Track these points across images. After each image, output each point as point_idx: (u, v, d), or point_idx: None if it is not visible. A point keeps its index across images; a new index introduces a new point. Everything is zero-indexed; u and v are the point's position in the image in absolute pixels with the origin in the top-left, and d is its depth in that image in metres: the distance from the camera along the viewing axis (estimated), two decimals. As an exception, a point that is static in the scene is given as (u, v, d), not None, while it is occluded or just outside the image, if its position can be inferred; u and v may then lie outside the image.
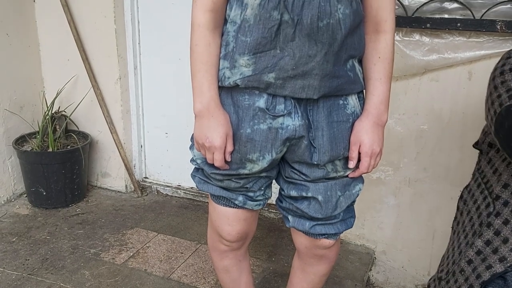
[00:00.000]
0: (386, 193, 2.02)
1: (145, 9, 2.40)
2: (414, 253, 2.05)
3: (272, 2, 1.01)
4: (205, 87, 1.11)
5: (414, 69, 1.78)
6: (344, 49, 1.07)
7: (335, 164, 1.17)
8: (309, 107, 1.12)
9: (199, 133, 1.14)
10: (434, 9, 1.71)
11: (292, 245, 2.13)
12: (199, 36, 1.09)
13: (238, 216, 1.29)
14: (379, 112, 1.15)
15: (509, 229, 1.09)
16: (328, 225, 1.24)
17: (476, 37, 1.69)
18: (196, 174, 1.30)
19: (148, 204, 2.53)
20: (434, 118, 1.85)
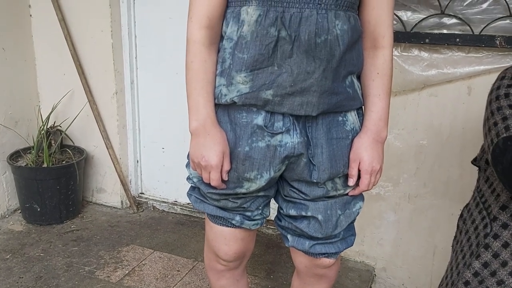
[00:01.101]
0: (385, 209, 2.00)
1: (142, 24, 2.40)
2: (414, 270, 2.02)
3: (269, 19, 1.00)
4: (201, 105, 1.09)
5: (413, 84, 1.78)
6: (343, 65, 1.06)
7: (334, 182, 1.15)
8: (308, 124, 1.10)
9: (195, 151, 1.12)
10: (432, 25, 1.72)
11: (291, 263, 2.09)
12: (195, 53, 1.08)
13: (235, 236, 1.26)
14: (378, 128, 1.13)
15: (509, 252, 1.08)
16: (328, 244, 1.21)
17: (475, 52, 1.70)
18: (192, 193, 1.28)
19: (144, 220, 2.50)
20: (434, 134, 1.84)
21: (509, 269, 1.07)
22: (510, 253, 1.08)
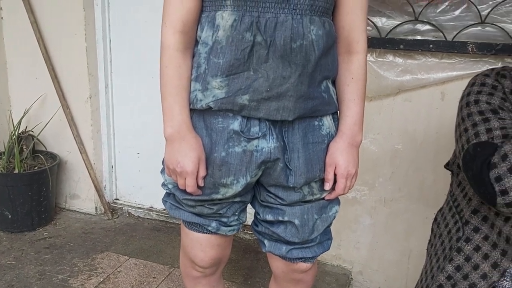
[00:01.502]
0: (361, 212, 2.02)
1: (117, 27, 2.37)
2: (390, 274, 2.05)
3: (244, 24, 1.00)
4: (176, 110, 1.08)
5: (388, 89, 1.80)
6: (318, 70, 1.06)
7: (311, 187, 1.15)
8: (284, 128, 1.10)
9: (170, 158, 1.11)
10: (407, 31, 1.75)
11: (269, 268, 2.09)
12: (169, 58, 1.07)
13: (212, 242, 1.25)
14: (353, 133, 1.14)
15: (480, 255, 1.10)
16: (305, 248, 1.22)
17: (448, 58, 1.73)
18: (167, 199, 1.27)
19: (119, 227, 2.45)
20: (408, 138, 1.87)
21: (481, 272, 1.09)
22: (482, 256, 1.10)
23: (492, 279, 1.06)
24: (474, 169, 1.02)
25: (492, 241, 1.08)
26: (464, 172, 1.08)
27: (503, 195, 0.96)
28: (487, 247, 1.09)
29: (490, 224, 1.09)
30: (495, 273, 1.06)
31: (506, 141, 0.99)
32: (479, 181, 1.01)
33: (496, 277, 1.06)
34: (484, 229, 1.11)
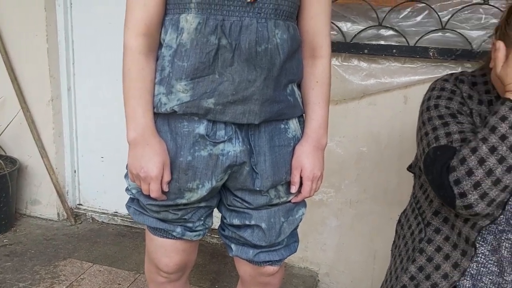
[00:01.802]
0: (328, 214, 2.04)
1: (80, 28, 2.33)
2: (356, 275, 2.08)
3: (209, 27, 1.00)
4: (139, 114, 1.06)
5: (353, 93, 1.83)
6: (284, 74, 1.07)
7: (277, 190, 1.16)
8: (250, 132, 1.10)
9: (133, 162, 1.09)
10: (371, 36, 1.78)
11: (236, 272, 2.08)
12: (132, 61, 1.05)
13: (177, 247, 1.23)
14: (319, 136, 1.16)
15: (441, 256, 1.13)
16: (272, 251, 1.22)
17: (410, 63, 1.77)
18: (131, 205, 1.25)
19: (82, 233, 2.40)
20: (373, 141, 1.91)
21: (442, 272, 1.12)
22: (443, 257, 1.13)
23: (453, 279, 1.10)
24: (435, 173, 1.05)
25: (453, 242, 1.12)
26: (425, 175, 1.11)
27: (461, 197, 1.00)
28: (448, 248, 1.13)
29: (451, 225, 1.13)
30: (455, 273, 1.10)
31: (464, 145, 1.02)
32: (439, 184, 1.04)
33: (457, 276, 1.09)
34: (445, 230, 1.14)
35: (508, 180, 0.97)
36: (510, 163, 0.96)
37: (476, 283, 1.09)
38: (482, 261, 1.08)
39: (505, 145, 0.97)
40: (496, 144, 0.97)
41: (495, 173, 0.97)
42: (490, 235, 1.07)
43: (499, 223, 1.05)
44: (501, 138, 0.97)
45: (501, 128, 0.97)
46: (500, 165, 0.97)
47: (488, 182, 0.98)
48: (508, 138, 0.97)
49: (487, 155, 0.97)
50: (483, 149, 0.98)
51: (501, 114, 0.98)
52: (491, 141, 0.98)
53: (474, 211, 1.00)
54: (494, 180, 0.97)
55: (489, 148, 0.97)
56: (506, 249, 1.05)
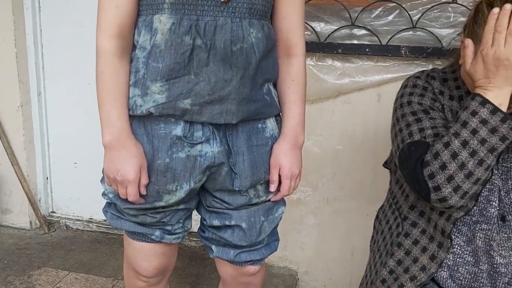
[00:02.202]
0: (306, 213, 2.06)
1: (49, 32, 2.29)
2: (335, 272, 2.10)
3: (183, 27, 0.99)
4: (114, 117, 1.04)
5: (328, 92, 1.85)
6: (260, 73, 1.07)
7: (257, 189, 1.16)
8: (228, 132, 1.10)
9: (109, 166, 1.07)
10: (344, 35, 1.80)
11: (216, 274, 2.07)
12: (105, 63, 1.04)
13: (156, 251, 1.22)
14: (296, 134, 1.17)
15: (419, 249, 1.16)
16: (253, 251, 1.22)
17: (383, 61, 1.80)
18: (108, 209, 1.23)
19: (56, 241, 2.35)
20: (348, 139, 1.93)
21: (420, 265, 1.14)
22: (420, 249, 1.15)
23: (430, 271, 1.12)
24: (409, 168, 1.07)
25: (429, 234, 1.14)
26: (400, 170, 1.13)
27: (436, 191, 1.02)
28: (425, 240, 1.15)
29: (427, 218, 1.15)
30: (433, 265, 1.12)
31: (437, 139, 1.05)
32: (414, 179, 1.06)
33: (434, 268, 1.12)
34: (421, 224, 1.17)
35: (480, 173, 1.00)
36: (481, 156, 0.99)
37: (453, 274, 1.11)
38: (458, 252, 1.11)
39: (476, 139, 0.99)
40: (467, 138, 1.00)
41: (468, 167, 1.00)
42: (464, 227, 1.10)
43: (473, 214, 1.08)
44: (472, 132, 1.00)
45: (472, 123, 1.00)
46: (472, 159, 0.99)
47: (461, 175, 1.00)
48: (479, 132, 0.99)
49: (459, 149, 1.00)
50: (455, 144, 1.00)
51: (471, 109, 1.01)
52: (463, 135, 1.00)
53: (448, 204, 1.02)
54: (467, 173, 1.00)
55: (461, 142, 1.00)
56: (480, 239, 1.08)
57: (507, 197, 1.07)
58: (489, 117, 0.98)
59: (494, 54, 0.97)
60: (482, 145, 0.99)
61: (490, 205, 1.07)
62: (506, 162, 1.08)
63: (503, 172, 1.08)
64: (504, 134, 0.98)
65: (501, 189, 1.07)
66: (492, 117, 0.98)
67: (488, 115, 0.98)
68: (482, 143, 0.99)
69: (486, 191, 1.07)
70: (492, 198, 1.07)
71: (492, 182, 1.07)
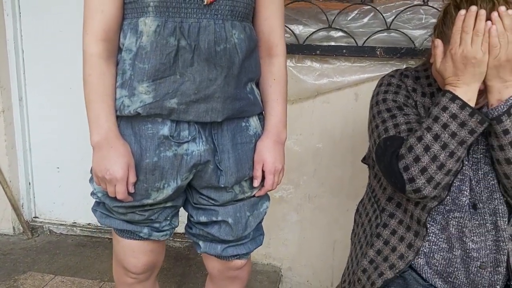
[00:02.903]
0: (288, 210, 2.10)
1: (30, 38, 2.29)
2: (317, 266, 2.14)
3: (167, 29, 1.03)
4: (102, 118, 1.08)
5: (307, 92, 1.89)
6: (244, 72, 1.12)
7: (242, 185, 1.20)
8: (213, 131, 1.14)
9: (98, 165, 1.10)
10: (322, 37, 1.85)
11: (201, 272, 2.12)
12: (92, 66, 1.07)
13: (144, 248, 1.25)
14: (278, 130, 1.21)
15: (397, 238, 1.20)
16: (239, 245, 1.26)
17: (359, 62, 1.85)
18: (97, 208, 1.25)
19: (40, 246, 2.34)
20: (328, 137, 1.98)
21: (398, 254, 1.19)
22: (398, 239, 1.20)
23: (408, 259, 1.17)
24: (385, 161, 1.12)
25: (406, 224, 1.19)
26: (377, 164, 1.19)
27: (410, 182, 1.07)
28: (402, 230, 1.20)
29: (403, 209, 1.20)
30: (410, 253, 1.17)
31: (411, 134, 1.10)
32: (390, 172, 1.11)
33: (412, 256, 1.16)
34: (399, 214, 1.21)
35: (451, 164, 1.06)
36: (452, 149, 1.05)
37: (429, 260, 1.17)
38: (433, 239, 1.16)
39: (447, 133, 1.05)
40: (439, 132, 1.05)
41: (439, 159, 1.05)
42: (439, 215, 1.15)
43: (446, 203, 1.13)
44: (443, 127, 1.05)
45: (443, 118, 1.05)
46: (443, 151, 1.05)
47: (434, 167, 1.05)
48: (449, 126, 1.05)
49: (432, 142, 1.05)
50: (428, 137, 1.06)
51: (442, 105, 1.06)
52: (435, 129, 1.06)
53: (422, 194, 1.07)
54: (439, 165, 1.05)
55: (433, 136, 1.05)
56: (454, 226, 1.13)
57: (478, 186, 1.13)
58: (459, 112, 1.04)
59: (462, 53, 1.02)
60: (453, 138, 1.04)
61: (461, 194, 1.13)
62: (476, 154, 1.14)
63: (473, 163, 1.14)
64: (473, 128, 1.04)
65: (472, 179, 1.13)
66: (461, 112, 1.04)
67: (457, 110, 1.04)
68: (453, 136, 1.04)
69: (457, 181, 1.13)
70: (464, 187, 1.13)
71: (463, 173, 1.13)
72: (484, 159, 1.14)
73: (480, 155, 1.14)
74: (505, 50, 1.01)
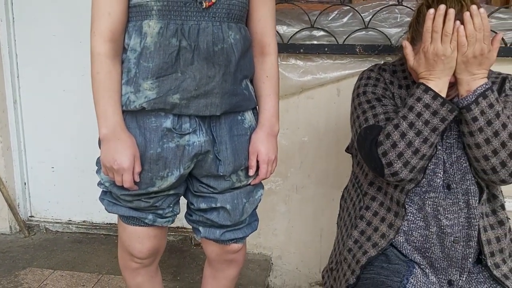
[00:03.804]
0: (277, 201, 2.17)
1: (24, 42, 2.34)
2: (306, 254, 2.22)
3: (170, 31, 1.11)
4: (110, 112, 1.15)
5: (292, 89, 1.96)
6: (239, 70, 1.20)
7: (238, 175, 1.29)
8: (212, 124, 1.22)
9: (106, 156, 1.17)
10: (305, 37, 1.92)
11: (195, 263, 2.20)
12: (100, 65, 1.14)
13: (149, 234, 1.33)
14: (272, 123, 1.30)
15: (378, 219, 1.28)
16: (236, 230, 1.35)
17: (340, 59, 1.92)
18: (104, 197, 1.33)
19: (38, 243, 2.40)
20: (313, 131, 2.06)
21: (380, 233, 1.27)
22: (380, 219, 1.28)
23: (389, 237, 1.25)
24: (366, 148, 1.20)
25: (387, 206, 1.27)
26: (358, 152, 1.26)
27: (388, 167, 1.15)
28: (383, 211, 1.28)
29: (384, 192, 1.28)
30: (391, 232, 1.25)
31: (388, 122, 1.18)
32: (370, 158, 1.19)
33: (392, 235, 1.24)
34: (380, 197, 1.29)
35: (425, 150, 1.14)
36: (425, 135, 1.13)
37: (408, 238, 1.24)
38: (412, 219, 1.23)
39: (421, 121, 1.13)
40: (413, 120, 1.13)
41: (414, 144, 1.13)
42: (416, 196, 1.22)
43: (422, 185, 1.21)
44: (418, 115, 1.13)
45: (417, 107, 1.13)
46: (417, 138, 1.13)
47: (409, 152, 1.13)
48: (423, 115, 1.13)
49: (407, 130, 1.13)
50: (404, 125, 1.14)
51: (416, 96, 1.14)
52: (410, 118, 1.13)
53: (399, 177, 1.15)
54: (414, 150, 1.13)
55: (408, 124, 1.13)
56: (429, 206, 1.21)
57: (451, 168, 1.21)
58: (431, 102, 1.12)
59: (433, 50, 1.09)
60: (426, 126, 1.13)
61: (436, 176, 1.21)
62: (449, 139, 1.22)
63: (447, 147, 1.22)
64: (444, 116, 1.12)
65: (446, 162, 1.21)
66: (434, 102, 1.12)
67: (430, 100, 1.12)
68: (426, 124, 1.12)
69: (432, 165, 1.21)
70: (438, 170, 1.21)
71: (437, 157, 1.21)
72: (457, 144, 1.21)
73: (453, 140, 1.22)
74: (472, 48, 1.08)
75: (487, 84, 1.13)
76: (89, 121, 2.33)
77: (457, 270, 1.23)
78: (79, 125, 2.39)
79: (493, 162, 1.15)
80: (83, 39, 2.24)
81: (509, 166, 1.15)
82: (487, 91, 1.12)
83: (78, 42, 2.26)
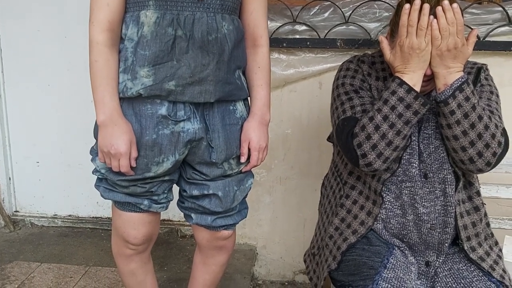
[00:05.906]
0: (262, 192, 2.22)
1: (7, 37, 2.34)
2: (289, 243, 2.27)
3: (166, 20, 1.16)
4: (107, 99, 1.19)
5: (276, 82, 2.00)
6: (232, 60, 1.25)
7: (230, 163, 1.33)
8: (205, 112, 1.27)
9: (103, 141, 1.21)
10: (287, 31, 1.96)
11: (181, 254, 2.24)
12: (98, 53, 1.18)
13: (143, 220, 1.37)
14: (263, 112, 1.35)
15: (358, 207, 1.33)
16: (227, 217, 1.39)
17: (322, 53, 1.97)
18: (100, 184, 1.35)
19: (23, 237, 2.41)
20: (296, 123, 2.10)
21: (359, 220, 1.32)
22: (359, 207, 1.33)
23: (368, 224, 1.30)
24: (343, 139, 1.25)
25: (366, 195, 1.32)
26: (336, 142, 1.31)
27: (363, 158, 1.20)
28: (362, 200, 1.33)
29: (363, 181, 1.33)
30: (370, 219, 1.30)
31: (364, 115, 1.22)
32: (346, 148, 1.24)
33: (371, 222, 1.30)
34: (359, 186, 1.34)
35: (398, 142, 1.18)
36: (398, 128, 1.17)
37: (386, 225, 1.29)
38: (389, 207, 1.28)
39: (394, 114, 1.16)
40: (388, 113, 1.16)
41: (388, 137, 1.17)
42: (393, 185, 1.27)
43: (398, 175, 1.26)
44: (392, 109, 1.16)
45: (392, 101, 1.16)
46: (391, 130, 1.17)
47: (383, 144, 1.18)
48: (397, 108, 1.16)
49: (381, 122, 1.17)
50: (378, 118, 1.17)
51: (391, 89, 1.17)
52: (384, 111, 1.17)
53: (373, 168, 1.20)
54: (387, 142, 1.18)
55: (383, 117, 1.17)
56: (406, 195, 1.26)
57: (429, 158, 1.26)
58: (405, 96, 1.16)
59: (408, 44, 1.12)
60: (399, 119, 1.16)
61: (411, 166, 1.25)
62: (427, 130, 1.27)
63: (424, 138, 1.26)
64: (416, 109, 1.16)
65: (423, 152, 1.25)
66: (407, 96, 1.15)
67: (404, 94, 1.16)
68: (399, 117, 1.16)
69: (407, 155, 1.25)
70: (413, 160, 1.25)
71: (412, 147, 1.25)
72: (435, 135, 1.25)
73: (431, 131, 1.26)
74: (446, 42, 1.11)
75: (463, 77, 1.16)
76: (74, 115, 2.37)
77: (434, 253, 1.29)
78: (65, 119, 2.40)
79: (470, 152, 1.19)
80: (68, 34, 2.26)
81: (485, 156, 1.19)
82: (463, 85, 1.15)
83: (63, 37, 2.27)
